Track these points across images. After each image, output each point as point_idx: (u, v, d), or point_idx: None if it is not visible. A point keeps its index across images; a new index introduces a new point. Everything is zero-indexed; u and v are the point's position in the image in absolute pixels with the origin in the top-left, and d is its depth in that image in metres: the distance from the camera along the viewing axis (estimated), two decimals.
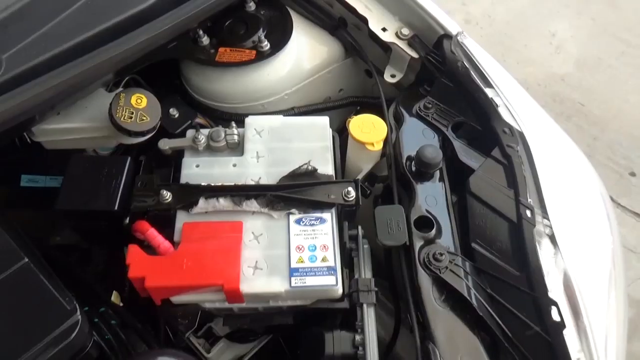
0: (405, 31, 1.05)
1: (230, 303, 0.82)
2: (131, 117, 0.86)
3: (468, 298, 0.78)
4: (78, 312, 0.67)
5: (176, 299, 0.81)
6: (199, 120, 1.06)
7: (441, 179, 0.91)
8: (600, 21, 2.58)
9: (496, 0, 2.69)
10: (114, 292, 0.88)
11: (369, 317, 0.82)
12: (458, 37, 0.99)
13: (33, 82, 0.82)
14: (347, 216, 0.90)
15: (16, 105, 0.79)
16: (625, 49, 2.46)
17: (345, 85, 1.20)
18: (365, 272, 0.85)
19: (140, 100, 0.88)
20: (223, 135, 0.93)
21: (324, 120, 0.96)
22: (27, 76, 0.83)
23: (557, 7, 2.65)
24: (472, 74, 0.96)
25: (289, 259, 0.81)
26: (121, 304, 0.89)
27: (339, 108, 1.18)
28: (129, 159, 0.90)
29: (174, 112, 1.04)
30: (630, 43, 2.48)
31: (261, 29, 1.06)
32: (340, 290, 0.82)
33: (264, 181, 0.88)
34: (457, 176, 0.93)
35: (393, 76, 1.07)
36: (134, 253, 0.78)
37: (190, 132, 0.95)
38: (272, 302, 0.84)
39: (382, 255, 0.91)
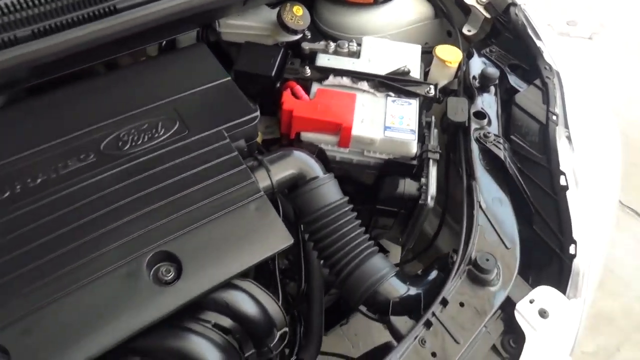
0: None
1: (339, 146, 1.22)
2: (292, 20, 1.29)
3: (505, 163, 1.14)
4: (258, 112, 1.08)
5: (304, 135, 1.21)
6: None
7: (495, 94, 1.29)
8: None
9: None
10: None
11: (433, 169, 1.19)
12: (521, 5, 1.39)
13: None
14: (425, 107, 1.28)
15: None
16: None
17: (430, 40, 1.59)
18: (432, 142, 1.23)
19: (299, 10, 1.30)
20: (347, 45, 1.34)
21: (417, 46, 1.37)
22: None
23: None
24: (528, 29, 1.34)
25: (385, 120, 1.20)
26: None
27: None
28: (283, 48, 1.32)
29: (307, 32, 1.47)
30: None
31: None
32: (415, 148, 1.20)
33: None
34: (507, 96, 1.31)
35: (469, 31, 1.47)
36: (287, 95, 1.19)
37: (323, 42, 1.37)
38: (366, 153, 1.23)
39: None
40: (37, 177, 0.90)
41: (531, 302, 1.03)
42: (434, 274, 1.08)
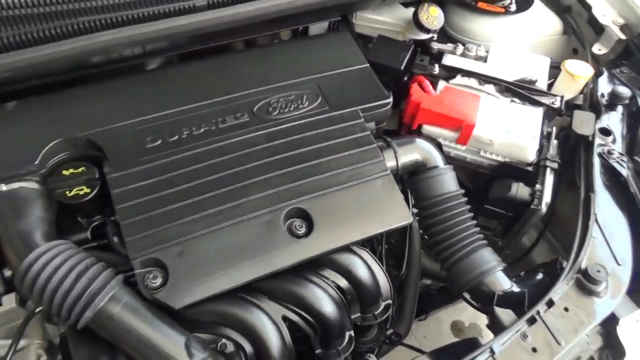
0: (619, 20, 1.44)
1: (457, 143, 1.27)
2: (427, 19, 1.36)
3: (627, 181, 1.14)
4: (391, 99, 1.16)
5: (426, 128, 1.28)
6: None
7: (622, 114, 1.28)
8: None
9: None
10: None
11: (550, 177, 1.21)
12: None
13: None
14: (548, 117, 1.30)
15: None
16: None
17: (554, 55, 1.60)
18: (552, 151, 1.25)
19: (434, 11, 1.37)
20: (475, 49, 1.39)
21: (546, 58, 1.39)
22: None
23: None
24: None
25: (507, 123, 1.24)
26: None
27: None
28: (413, 45, 1.39)
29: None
30: None
31: None
32: (533, 155, 1.23)
33: None
34: (632, 120, 1.30)
35: (599, 50, 1.46)
36: (416, 88, 1.26)
37: (451, 44, 1.43)
38: (482, 153, 1.27)
39: None
40: (200, 127, 1.04)
41: (637, 321, 1.04)
42: (539, 276, 1.11)
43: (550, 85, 1.40)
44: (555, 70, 1.41)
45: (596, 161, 1.18)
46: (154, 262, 0.89)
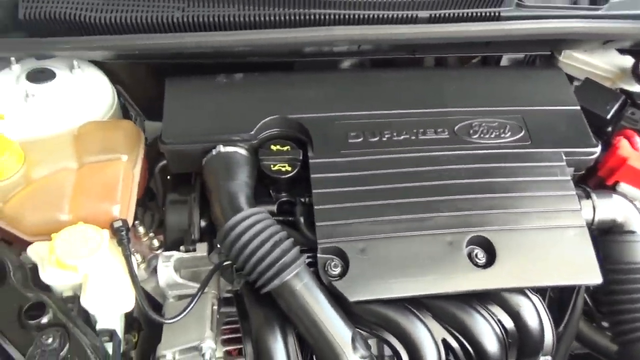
0: None
1: None
2: None
3: None
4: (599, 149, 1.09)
5: (623, 187, 1.17)
6: None
7: None
8: None
9: None
10: None
11: None
12: None
13: None
14: None
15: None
16: None
17: None
18: None
19: None
20: None
21: None
22: None
23: None
24: None
25: None
26: None
27: None
28: (623, 95, 1.29)
29: None
30: None
31: None
32: None
33: None
34: None
35: None
36: (623, 142, 1.17)
37: None
38: None
39: None
40: (401, 133, 1.06)
41: None
42: None
43: None
44: None
45: None
46: (337, 251, 0.93)
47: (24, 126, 1.08)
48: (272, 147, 1.04)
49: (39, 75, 1.14)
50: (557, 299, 1.20)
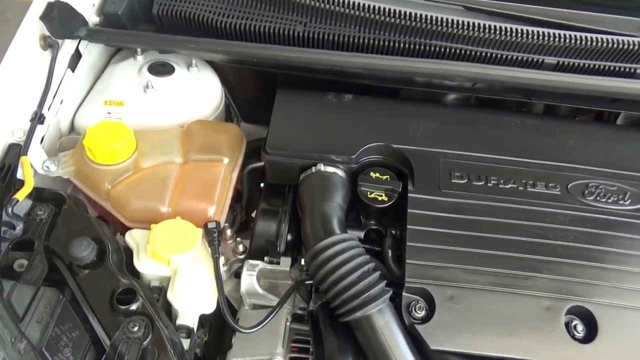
0: None
1: None
2: None
3: None
4: None
5: None
6: None
7: None
8: None
9: None
10: None
11: None
12: None
13: None
14: None
15: None
16: None
17: None
18: None
19: None
20: None
21: None
22: None
23: None
24: None
25: None
26: None
27: None
28: None
29: None
30: None
31: None
32: None
33: None
34: None
35: None
36: None
37: None
38: None
39: None
40: (508, 182, 1.00)
41: None
42: None
43: None
44: None
45: None
46: (424, 293, 0.89)
47: (140, 115, 1.13)
48: (372, 174, 1.02)
49: (160, 69, 1.20)
50: None
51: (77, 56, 1.17)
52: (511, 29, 1.13)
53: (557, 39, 1.13)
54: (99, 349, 0.83)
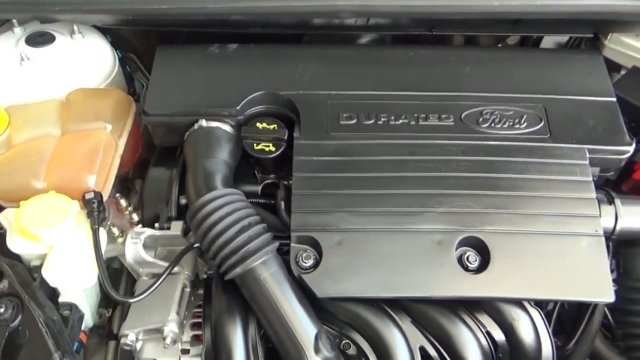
0: None
1: None
2: None
3: None
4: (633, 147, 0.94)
5: None
6: None
7: None
8: None
9: None
10: None
11: None
12: None
13: None
14: None
15: None
16: None
17: None
18: None
19: None
20: None
21: None
22: None
23: None
24: None
25: None
26: None
27: None
28: None
29: None
30: None
31: None
32: None
33: None
34: None
35: None
36: None
37: None
38: None
39: None
40: (399, 117, 0.95)
41: None
42: None
43: None
44: None
45: None
46: (312, 241, 0.85)
47: (16, 90, 1.06)
48: (258, 124, 0.97)
49: (38, 39, 1.12)
50: (574, 313, 1.08)
51: None
52: None
53: None
54: None
